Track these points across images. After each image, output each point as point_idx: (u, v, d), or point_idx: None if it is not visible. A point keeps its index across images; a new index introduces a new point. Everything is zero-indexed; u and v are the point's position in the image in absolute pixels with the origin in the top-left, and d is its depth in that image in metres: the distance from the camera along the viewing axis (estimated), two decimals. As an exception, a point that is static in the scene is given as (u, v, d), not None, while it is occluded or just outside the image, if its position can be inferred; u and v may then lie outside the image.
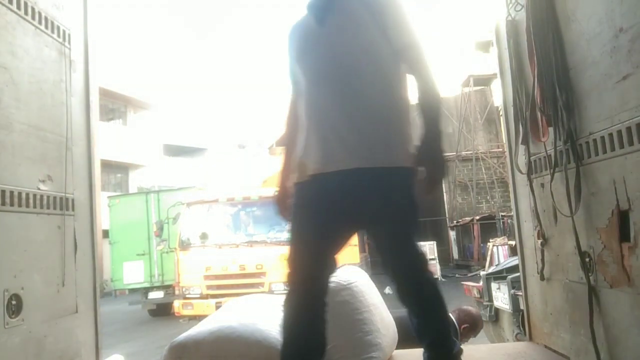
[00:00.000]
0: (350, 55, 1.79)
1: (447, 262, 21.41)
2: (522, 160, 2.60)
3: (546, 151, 2.27)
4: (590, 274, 2.02)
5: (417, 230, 1.82)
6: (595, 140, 1.95)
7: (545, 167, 2.38)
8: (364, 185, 1.72)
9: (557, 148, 2.18)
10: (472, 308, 3.94)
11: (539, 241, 2.50)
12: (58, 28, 2.50)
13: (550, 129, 2.23)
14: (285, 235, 8.64)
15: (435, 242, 17.63)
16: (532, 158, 2.50)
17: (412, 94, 1.85)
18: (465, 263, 20.60)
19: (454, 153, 23.52)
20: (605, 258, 1.93)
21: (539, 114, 2.30)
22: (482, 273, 6.37)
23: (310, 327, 1.77)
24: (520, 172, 2.61)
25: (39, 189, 2.24)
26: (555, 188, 2.22)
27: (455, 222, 22.59)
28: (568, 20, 2.11)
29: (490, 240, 12.03)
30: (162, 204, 11.70)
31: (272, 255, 8.28)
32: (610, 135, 1.84)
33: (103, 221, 10.85)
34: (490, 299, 5.52)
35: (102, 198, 10.73)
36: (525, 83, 2.49)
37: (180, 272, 8.73)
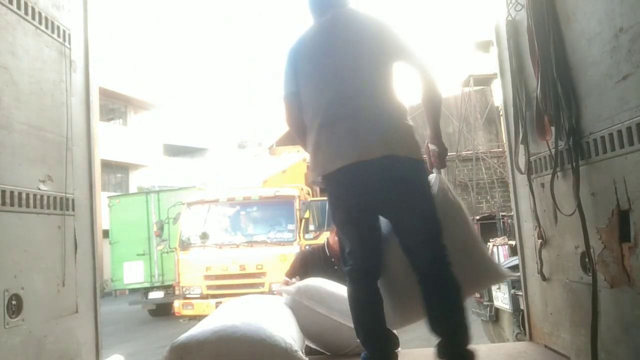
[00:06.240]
0: (352, 60, 2.03)
1: (447, 262, 21.38)
2: (522, 160, 2.60)
3: (549, 150, 2.26)
4: (590, 274, 2.02)
5: (433, 215, 1.98)
6: (595, 140, 1.95)
7: (545, 167, 2.38)
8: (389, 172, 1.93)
9: (560, 147, 2.17)
10: None
11: (539, 241, 2.50)
12: (58, 28, 2.50)
13: (552, 129, 2.22)
14: (285, 235, 8.65)
15: (435, 242, 17.62)
16: (532, 158, 2.50)
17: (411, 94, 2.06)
18: (465, 263, 20.56)
19: (454, 153, 23.49)
20: (605, 258, 1.93)
21: (543, 114, 2.30)
22: (482, 273, 6.35)
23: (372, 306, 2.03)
24: (521, 172, 2.61)
25: (39, 189, 2.23)
26: (557, 187, 2.22)
27: (455, 222, 22.53)
28: (568, 20, 2.11)
29: (491, 240, 12.00)
30: (162, 204, 11.67)
31: (272, 255, 8.28)
32: (611, 135, 1.84)
33: (103, 221, 10.85)
34: (491, 299, 5.51)
35: (102, 198, 10.73)
36: (526, 83, 2.48)
37: (181, 272, 8.71)
